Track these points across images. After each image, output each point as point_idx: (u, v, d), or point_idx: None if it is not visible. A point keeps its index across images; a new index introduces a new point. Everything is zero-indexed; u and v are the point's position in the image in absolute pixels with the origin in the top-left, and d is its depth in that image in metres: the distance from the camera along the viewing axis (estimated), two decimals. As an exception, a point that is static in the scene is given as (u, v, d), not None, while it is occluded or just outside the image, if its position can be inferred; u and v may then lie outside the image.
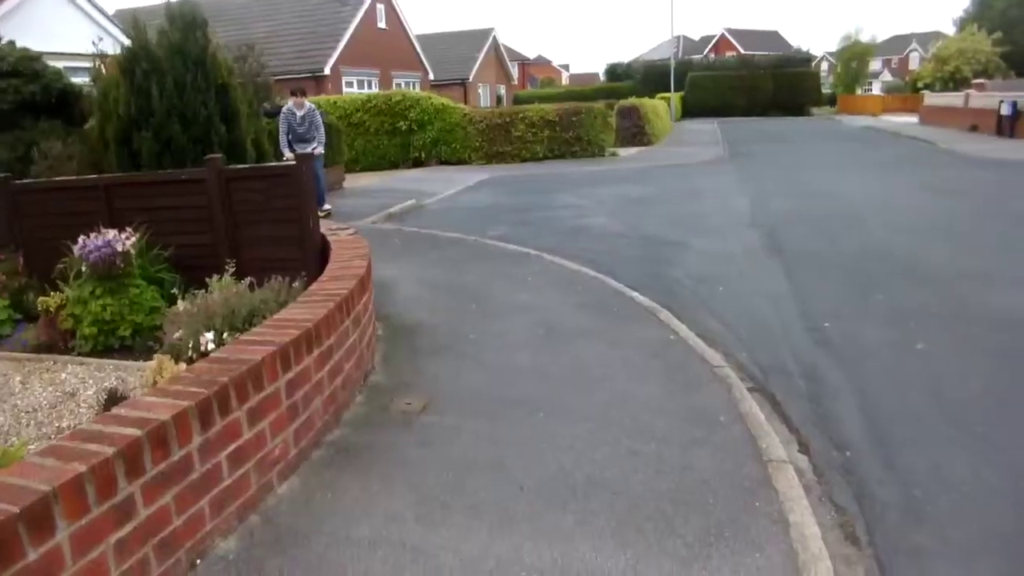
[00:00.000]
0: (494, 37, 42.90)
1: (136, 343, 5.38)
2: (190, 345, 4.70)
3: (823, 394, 4.98)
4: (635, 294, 7.07)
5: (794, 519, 3.42)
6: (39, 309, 5.60)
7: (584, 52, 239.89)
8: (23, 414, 4.29)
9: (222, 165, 6.15)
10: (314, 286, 4.79)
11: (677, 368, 5.15)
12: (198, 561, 3.00)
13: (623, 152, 24.64)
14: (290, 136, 12.21)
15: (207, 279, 5.31)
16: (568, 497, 3.52)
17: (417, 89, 29.50)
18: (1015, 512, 3.62)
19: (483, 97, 41.51)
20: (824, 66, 79.89)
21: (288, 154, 11.53)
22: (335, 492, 3.52)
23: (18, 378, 4.84)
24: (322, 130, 12.52)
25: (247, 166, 7.45)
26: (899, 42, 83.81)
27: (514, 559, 3.05)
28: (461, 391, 4.70)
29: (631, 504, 3.47)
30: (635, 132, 27.81)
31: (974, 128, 29.37)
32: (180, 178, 6.37)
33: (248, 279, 5.32)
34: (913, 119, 39.47)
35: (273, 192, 6.03)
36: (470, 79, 39.35)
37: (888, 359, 5.53)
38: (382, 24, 30.68)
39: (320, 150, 12.26)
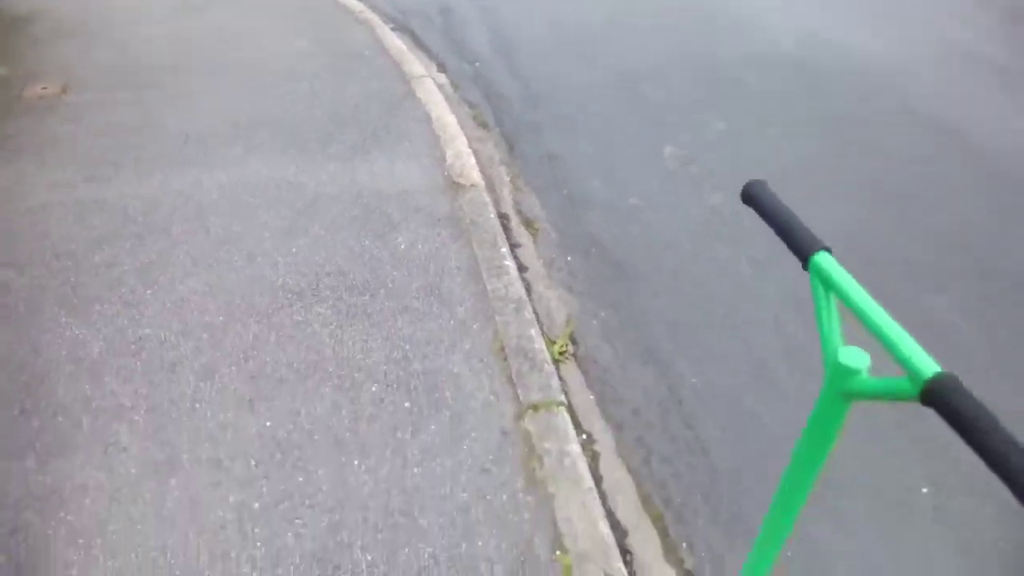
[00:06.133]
0: None
1: None
2: None
3: (456, 25, 5.51)
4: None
5: (435, 114, 4.05)
6: None
7: None
8: None
9: None
10: None
11: (322, 18, 5.33)
12: None
13: None
14: None
15: None
16: (234, 136, 3.79)
17: None
18: (603, 87, 4.59)
19: None
20: None
21: None
22: (-11, 178, 3.44)
23: None
24: None
25: None
26: None
27: (193, 187, 3.35)
28: (100, 69, 4.50)
29: (294, 130, 3.84)
30: None
31: None
32: None
33: None
34: None
35: None
36: None
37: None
38: None
39: None
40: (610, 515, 2.19)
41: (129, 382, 2.40)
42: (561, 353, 2.73)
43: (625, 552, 2.11)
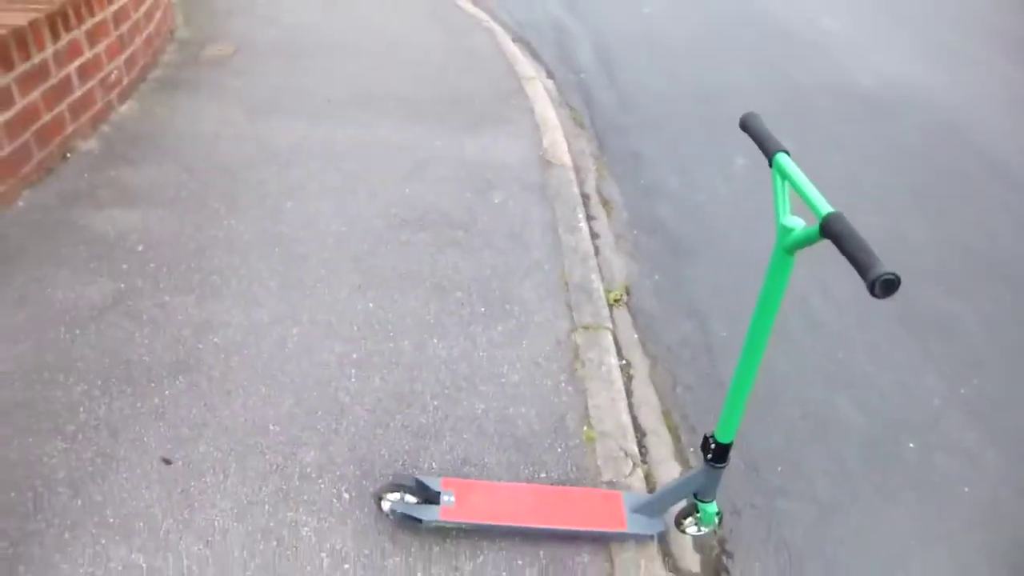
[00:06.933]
0: None
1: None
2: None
3: (567, 39, 6.13)
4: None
5: (538, 109, 4.63)
6: None
7: None
8: None
9: None
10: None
11: (452, 22, 6.04)
12: (68, 155, 3.66)
13: None
14: None
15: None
16: (367, 103, 4.47)
17: None
18: (689, 100, 5.10)
19: None
20: None
21: None
22: (172, 108, 4.20)
23: None
24: None
25: None
26: None
27: (329, 136, 4.03)
28: (263, 40, 5.29)
29: (417, 106, 4.50)
30: None
31: None
32: None
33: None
34: None
35: None
36: None
37: (619, 17, 6.75)
38: None
39: None
40: (634, 420, 2.65)
41: (268, 262, 3.03)
42: (616, 300, 3.22)
43: (641, 447, 2.57)
